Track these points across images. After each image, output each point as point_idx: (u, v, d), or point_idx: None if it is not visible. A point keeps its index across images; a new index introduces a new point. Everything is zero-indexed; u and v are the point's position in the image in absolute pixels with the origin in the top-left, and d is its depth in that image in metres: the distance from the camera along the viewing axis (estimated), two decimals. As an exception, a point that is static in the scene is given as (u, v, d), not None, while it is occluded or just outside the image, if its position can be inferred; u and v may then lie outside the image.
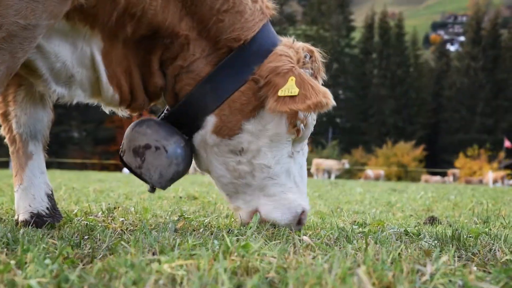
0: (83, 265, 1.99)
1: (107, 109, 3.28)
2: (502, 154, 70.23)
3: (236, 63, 3.10)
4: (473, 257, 2.46)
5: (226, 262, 1.88)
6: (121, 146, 3.29)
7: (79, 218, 3.58)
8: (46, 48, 2.78)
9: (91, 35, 2.87)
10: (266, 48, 3.15)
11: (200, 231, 3.13)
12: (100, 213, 4.09)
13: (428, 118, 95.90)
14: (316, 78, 3.21)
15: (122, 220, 3.58)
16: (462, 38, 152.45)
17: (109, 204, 5.06)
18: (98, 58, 2.91)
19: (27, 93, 3.17)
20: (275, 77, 3.02)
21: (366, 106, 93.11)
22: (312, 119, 3.26)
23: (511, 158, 75.75)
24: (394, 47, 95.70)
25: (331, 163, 44.90)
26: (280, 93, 2.97)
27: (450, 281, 1.81)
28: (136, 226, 3.28)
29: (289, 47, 3.18)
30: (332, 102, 2.95)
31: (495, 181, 47.51)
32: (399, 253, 2.30)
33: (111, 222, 3.52)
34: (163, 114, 3.32)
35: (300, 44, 3.24)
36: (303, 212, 3.24)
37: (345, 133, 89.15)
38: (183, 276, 1.73)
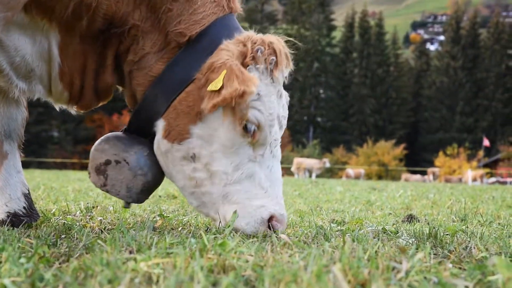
0: (59, 264, 1.98)
1: (57, 106, 3.15)
2: (481, 153, 70.84)
3: (182, 61, 2.90)
4: (449, 254, 2.49)
5: (202, 260, 1.88)
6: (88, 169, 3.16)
7: (57, 217, 3.56)
8: (5, 41, 2.73)
9: (49, 28, 2.80)
10: (216, 44, 2.92)
11: (179, 229, 3.13)
12: (78, 212, 4.07)
13: (408, 117, 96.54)
14: (272, 72, 2.91)
15: (100, 219, 3.57)
16: (441, 38, 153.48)
17: (87, 203, 5.03)
18: (55, 52, 2.84)
19: None
20: (211, 74, 2.81)
21: (347, 105, 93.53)
22: (266, 120, 2.92)
23: (490, 157, 76.53)
24: (374, 46, 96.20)
25: (312, 162, 44.91)
26: (209, 88, 2.77)
27: (425, 278, 1.82)
28: (114, 225, 3.27)
29: (239, 42, 2.93)
30: (250, 89, 2.70)
31: (474, 180, 47.93)
32: (376, 251, 2.32)
33: (89, 221, 3.51)
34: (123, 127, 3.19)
35: (254, 37, 2.96)
36: (271, 217, 2.93)
37: (326, 132, 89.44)
38: (159, 274, 1.73)
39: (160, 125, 2.95)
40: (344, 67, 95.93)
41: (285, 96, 3.08)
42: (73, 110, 3.16)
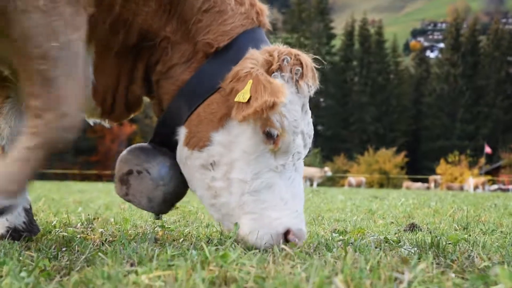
0: (60, 277, 1.98)
1: (90, 121, 3.19)
2: (482, 160, 70.80)
3: (209, 71, 2.91)
4: (451, 264, 2.47)
5: (204, 272, 1.88)
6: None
7: (57, 229, 3.55)
8: None
9: (88, 48, 2.82)
10: (244, 55, 2.89)
11: (180, 241, 3.12)
12: (79, 224, 4.06)
13: (409, 125, 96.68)
14: (297, 82, 2.84)
15: (101, 231, 3.56)
16: (441, 45, 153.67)
17: (88, 215, 5.02)
18: (90, 71, 2.88)
19: (12, 106, 3.13)
20: (236, 83, 2.78)
21: (347, 114, 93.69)
22: (290, 126, 2.84)
23: (492, 164, 76.48)
24: (374, 54, 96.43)
25: (313, 171, 44.87)
26: (236, 98, 2.73)
27: (427, 288, 1.82)
28: (116, 237, 3.26)
29: (265, 52, 2.89)
30: (281, 100, 2.62)
31: (476, 187, 47.91)
32: (378, 261, 2.31)
33: (90, 233, 3.50)
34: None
35: (281, 49, 2.91)
36: (288, 231, 2.79)
37: (327, 141, 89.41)
38: (160, 287, 1.72)
39: (182, 133, 2.93)
40: (344, 75, 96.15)
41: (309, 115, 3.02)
42: (105, 123, 3.21)
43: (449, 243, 3.21)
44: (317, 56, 3.04)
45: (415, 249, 2.95)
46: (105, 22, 2.79)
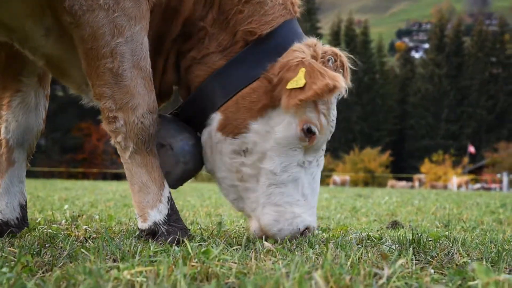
0: (42, 273, 1.98)
1: None
2: (466, 160, 71.31)
3: (249, 59, 2.94)
4: (431, 260, 2.50)
5: (186, 268, 1.89)
6: None
7: (42, 226, 3.54)
8: None
9: None
10: (283, 46, 2.95)
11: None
12: (63, 221, 4.05)
13: (394, 124, 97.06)
14: None
15: (86, 228, 3.56)
16: (426, 45, 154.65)
17: (73, 212, 5.02)
18: None
19: (22, 101, 3.14)
20: (286, 73, 2.82)
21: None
22: (328, 126, 2.99)
23: (475, 163, 77.01)
24: (360, 54, 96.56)
25: (298, 170, 44.79)
26: (289, 85, 2.77)
27: (406, 283, 1.84)
28: (100, 234, 3.26)
29: (309, 46, 2.97)
30: (342, 84, 2.71)
31: (459, 186, 48.25)
32: (359, 257, 2.34)
33: (74, 230, 3.49)
34: (173, 111, 3.20)
35: (324, 47, 3.04)
36: (307, 228, 2.94)
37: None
38: (142, 282, 1.73)
39: (215, 118, 2.95)
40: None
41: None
42: None
43: (430, 240, 3.25)
44: (351, 56, 3.13)
45: (396, 245, 2.98)
46: (158, 12, 2.85)
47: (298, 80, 2.75)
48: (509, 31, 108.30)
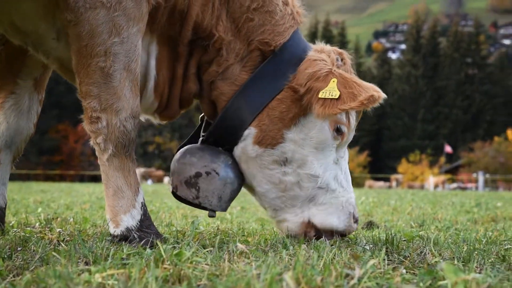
0: (13, 277, 1.96)
1: (142, 117, 3.24)
2: (442, 159, 72.03)
3: (270, 73, 3.05)
4: (404, 260, 2.52)
5: (158, 270, 1.88)
6: (170, 183, 3.22)
7: (15, 229, 3.51)
8: None
9: (151, 40, 2.93)
10: (298, 56, 3.09)
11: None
12: (37, 224, 4.01)
13: (372, 124, 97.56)
14: None
15: (59, 231, 3.52)
16: (403, 46, 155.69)
17: (48, 215, 4.97)
18: (152, 64, 2.96)
19: (15, 103, 3.13)
20: (316, 83, 2.95)
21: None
22: (354, 121, 3.19)
23: (452, 163, 77.77)
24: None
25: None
26: (321, 95, 2.91)
27: (377, 284, 1.85)
28: (74, 237, 3.24)
29: (320, 52, 3.14)
30: (383, 95, 2.91)
31: (436, 186, 48.71)
32: (332, 258, 2.35)
33: (48, 233, 3.46)
34: (200, 138, 3.26)
35: (329, 48, 3.22)
36: (354, 209, 3.19)
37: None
38: (113, 285, 1.73)
39: (250, 133, 3.05)
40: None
41: None
42: (156, 119, 3.27)
43: (404, 240, 3.27)
44: (351, 54, 3.35)
45: (371, 246, 3.00)
46: (163, 14, 2.85)
47: (331, 90, 2.89)
48: (484, 32, 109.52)
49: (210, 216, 3.21)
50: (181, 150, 3.23)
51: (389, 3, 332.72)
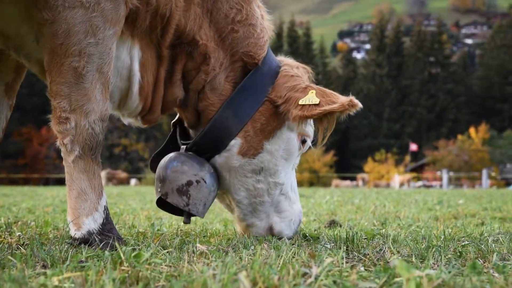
0: (-33, 282, 1.94)
1: (125, 121, 3.26)
2: (408, 158, 72.81)
3: (253, 85, 3.18)
4: (363, 258, 2.56)
5: (115, 272, 1.88)
6: (158, 191, 3.21)
7: (-27, 234, 3.45)
8: None
9: (132, 44, 2.92)
10: (273, 69, 3.26)
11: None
12: (-3, 229, 3.96)
13: (338, 124, 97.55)
14: None
15: (19, 235, 3.48)
16: (367, 46, 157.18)
17: (8, 219, 4.90)
18: (136, 68, 2.95)
19: None
20: (295, 93, 3.14)
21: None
22: (312, 129, 3.38)
23: (417, 162, 78.70)
24: (303, 55, 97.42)
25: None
26: (301, 102, 3.08)
27: (334, 282, 1.88)
28: (34, 241, 3.20)
29: (292, 67, 3.33)
30: (359, 103, 3.13)
31: (401, 184, 49.23)
32: (291, 257, 2.37)
33: (8, 237, 3.42)
34: (183, 146, 3.29)
35: (296, 63, 3.41)
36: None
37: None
38: (69, 288, 1.72)
39: (236, 143, 3.17)
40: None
41: None
42: (138, 123, 3.27)
43: (365, 238, 3.32)
44: (312, 66, 3.54)
45: (332, 244, 3.03)
46: (145, 18, 2.85)
47: (311, 98, 3.08)
48: (446, 32, 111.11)
49: (185, 222, 3.27)
50: (168, 157, 3.24)
51: (353, 3, 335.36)
